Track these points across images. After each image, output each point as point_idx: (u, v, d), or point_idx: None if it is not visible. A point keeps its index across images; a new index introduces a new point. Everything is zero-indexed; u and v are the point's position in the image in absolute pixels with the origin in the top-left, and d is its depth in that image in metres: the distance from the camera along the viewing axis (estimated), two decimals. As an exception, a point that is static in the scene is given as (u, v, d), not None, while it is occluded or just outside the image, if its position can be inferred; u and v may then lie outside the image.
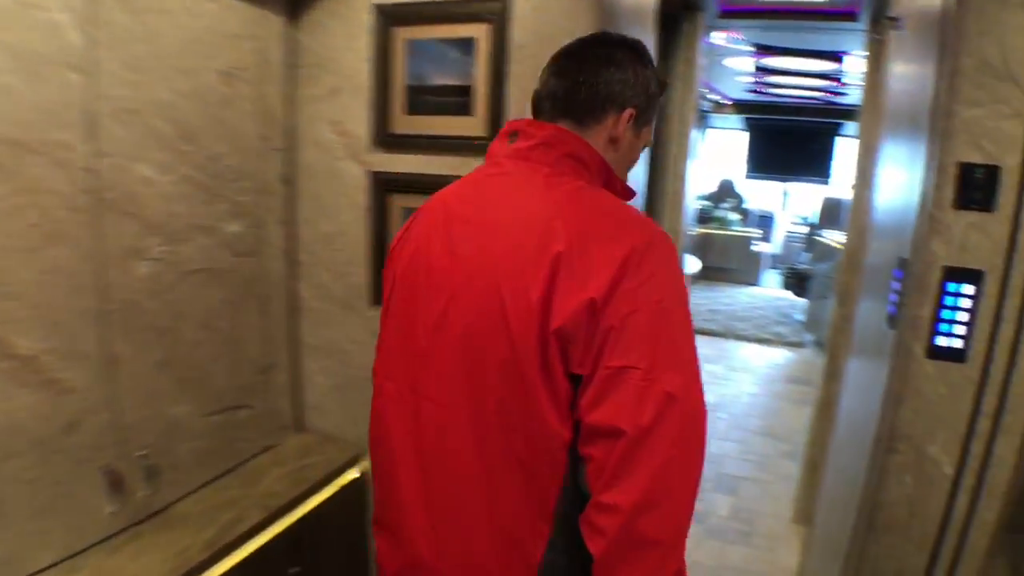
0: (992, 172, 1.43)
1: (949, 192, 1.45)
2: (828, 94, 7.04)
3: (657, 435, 0.87)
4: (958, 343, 1.49)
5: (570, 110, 1.07)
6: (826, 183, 9.00)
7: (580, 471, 0.93)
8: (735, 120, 9.19)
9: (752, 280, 8.84)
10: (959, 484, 1.54)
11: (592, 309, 0.89)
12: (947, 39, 1.43)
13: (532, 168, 1.03)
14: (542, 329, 0.91)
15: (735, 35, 4.25)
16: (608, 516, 0.87)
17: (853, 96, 6.57)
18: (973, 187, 1.44)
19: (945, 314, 1.48)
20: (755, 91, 7.44)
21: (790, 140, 8.87)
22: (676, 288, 0.96)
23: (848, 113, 7.86)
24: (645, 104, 1.10)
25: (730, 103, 8.38)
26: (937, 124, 1.47)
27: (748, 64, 5.52)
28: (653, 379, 0.88)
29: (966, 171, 1.44)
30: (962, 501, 1.54)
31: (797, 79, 6.12)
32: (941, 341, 1.49)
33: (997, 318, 1.47)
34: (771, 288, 8.73)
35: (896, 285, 1.65)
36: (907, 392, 1.52)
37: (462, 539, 1.00)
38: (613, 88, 1.06)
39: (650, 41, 2.08)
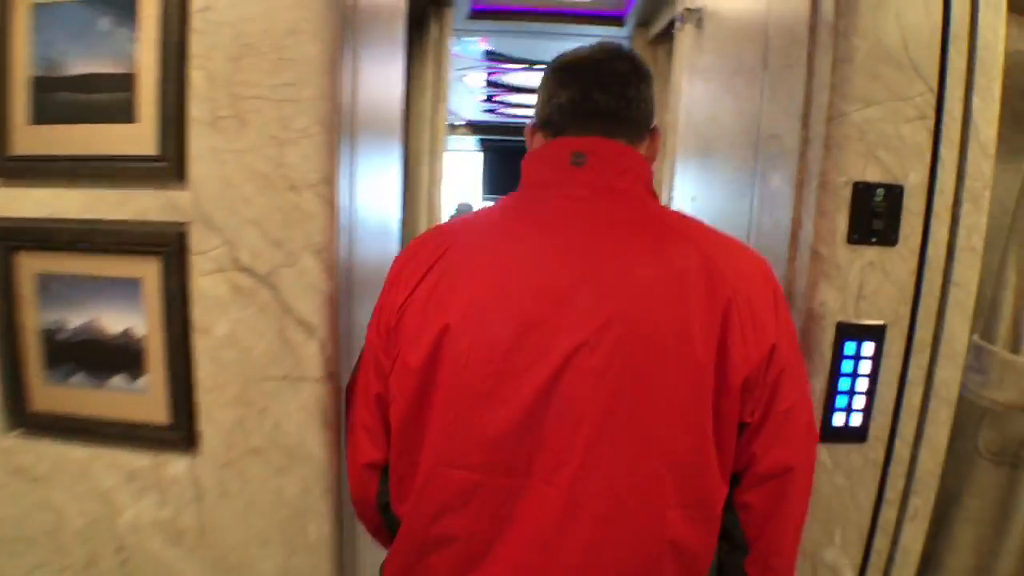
0: (895, 193, 1.06)
1: (841, 222, 1.05)
2: None
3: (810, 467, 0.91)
4: (857, 419, 1.12)
5: (623, 129, 0.94)
6: (544, 203, 8.98)
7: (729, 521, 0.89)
8: (470, 141, 8.99)
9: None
10: (863, 594, 1.20)
11: (772, 354, 0.85)
12: (836, 16, 1.02)
13: (629, 198, 0.92)
14: (719, 383, 0.82)
15: (482, 43, 3.82)
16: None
17: None
18: (871, 214, 1.05)
19: (842, 384, 1.10)
20: (491, 111, 7.27)
21: (514, 162, 8.69)
22: None
23: None
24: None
25: (465, 124, 8.19)
26: (814, 131, 1.07)
27: (484, 81, 5.20)
28: (804, 410, 0.89)
29: (862, 193, 1.05)
30: (867, 611, 1.21)
31: (533, 97, 5.90)
32: (838, 420, 1.11)
33: (902, 382, 1.13)
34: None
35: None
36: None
37: None
38: (652, 106, 0.98)
39: (400, 44, 1.52)
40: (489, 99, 6.29)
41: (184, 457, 1.12)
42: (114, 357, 1.12)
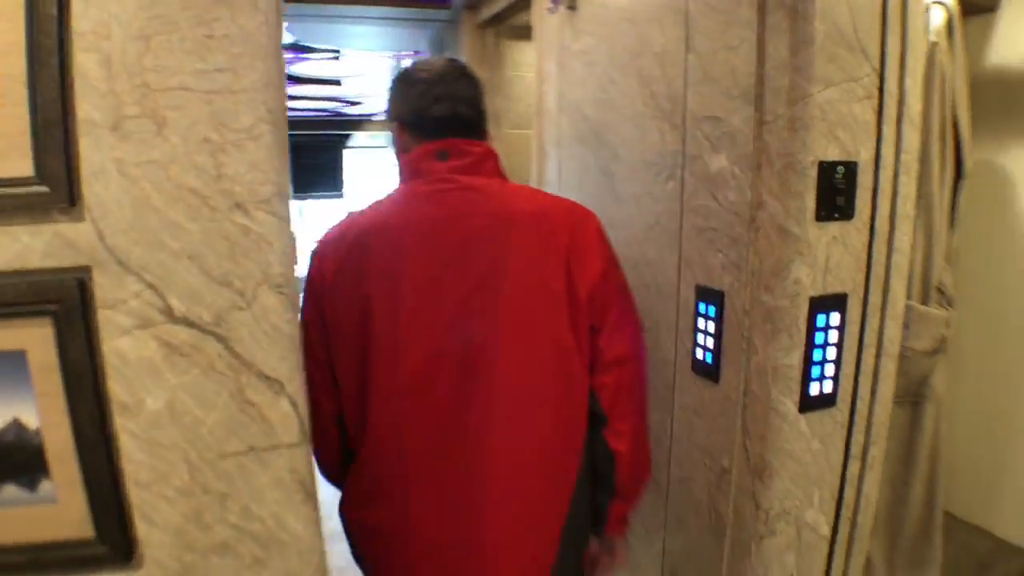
0: (851, 170, 1.11)
1: (810, 201, 1.09)
2: (342, 103, 6.72)
3: (641, 355, 1.23)
4: (828, 386, 1.18)
5: (476, 131, 1.26)
6: (340, 197, 8.76)
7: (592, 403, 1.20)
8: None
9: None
10: (835, 541, 1.27)
11: (603, 276, 1.18)
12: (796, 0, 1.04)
13: (487, 179, 1.23)
14: (571, 303, 1.16)
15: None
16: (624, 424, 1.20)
17: (366, 106, 6.41)
18: (834, 191, 1.10)
19: (816, 355, 1.15)
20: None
21: (302, 156, 8.36)
22: None
23: (356, 124, 7.69)
24: None
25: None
26: (773, 112, 1.10)
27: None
28: (632, 312, 1.23)
29: (826, 171, 1.09)
30: (839, 557, 1.29)
31: (313, 89, 5.62)
32: (814, 389, 1.17)
33: (860, 345, 1.20)
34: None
35: (704, 323, 1.29)
36: (778, 460, 1.18)
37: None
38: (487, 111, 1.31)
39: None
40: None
41: (122, 575, 0.85)
42: (-1, 462, 0.81)
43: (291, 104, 6.54)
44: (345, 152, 8.41)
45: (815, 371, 1.15)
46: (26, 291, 0.77)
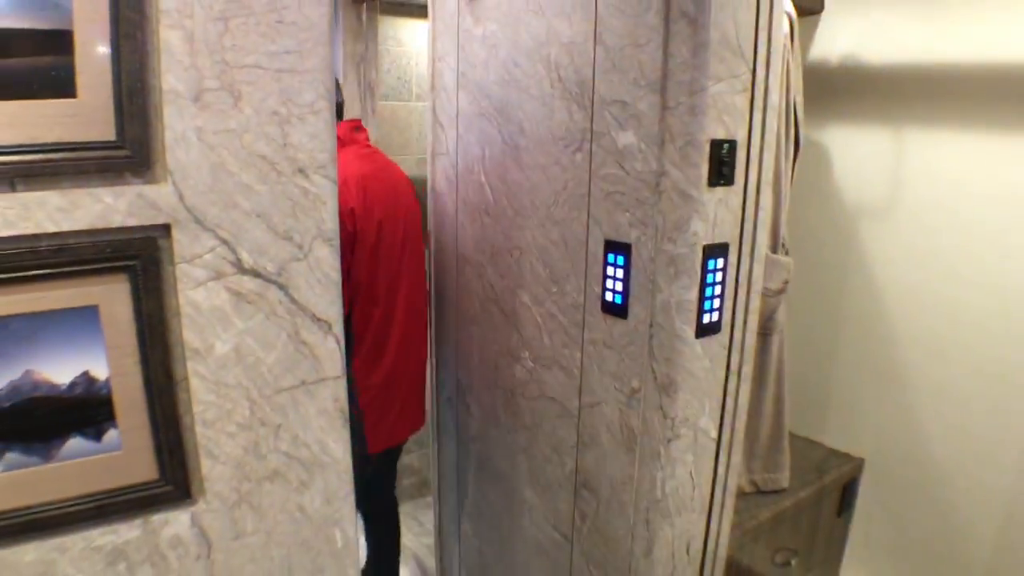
0: (733, 147, 1.41)
1: (704, 170, 1.39)
2: None
3: None
4: (716, 316, 1.49)
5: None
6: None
7: None
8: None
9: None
10: (720, 442, 1.60)
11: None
12: (696, 12, 1.32)
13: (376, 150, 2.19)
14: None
15: None
16: None
17: None
18: (721, 163, 1.40)
19: (708, 291, 1.46)
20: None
21: None
22: None
23: None
24: None
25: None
26: (675, 100, 1.38)
27: None
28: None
29: (716, 148, 1.39)
30: (723, 456, 1.62)
31: None
32: (706, 319, 1.47)
33: (736, 283, 1.52)
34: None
35: (613, 271, 1.56)
36: (681, 377, 1.48)
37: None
38: None
39: None
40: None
41: (184, 511, 0.97)
42: (65, 416, 0.88)
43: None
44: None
45: (707, 304, 1.46)
46: (104, 248, 0.85)
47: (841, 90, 2.24)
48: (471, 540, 2.31)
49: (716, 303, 1.48)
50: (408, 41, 3.07)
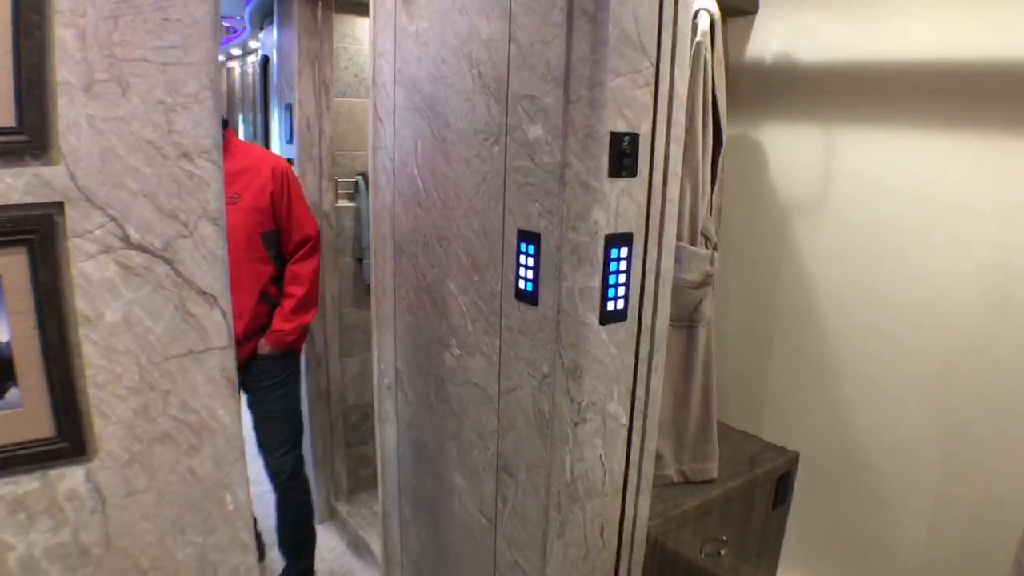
0: (635, 139, 1.46)
1: (604, 162, 1.43)
2: None
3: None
4: (621, 304, 1.54)
5: None
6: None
7: None
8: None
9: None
10: (632, 428, 1.65)
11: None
12: (595, 9, 1.36)
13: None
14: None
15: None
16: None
17: None
18: (622, 155, 1.45)
19: (611, 279, 1.50)
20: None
21: None
22: None
23: None
24: None
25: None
26: (577, 94, 1.42)
27: None
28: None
29: (616, 140, 1.43)
30: (636, 442, 1.66)
31: None
32: (611, 306, 1.52)
33: (643, 272, 1.57)
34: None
35: (525, 259, 1.61)
36: (586, 362, 1.53)
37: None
38: None
39: None
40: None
41: (79, 466, 1.04)
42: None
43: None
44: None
45: (611, 292, 1.51)
46: (5, 223, 0.94)
47: (775, 89, 2.29)
48: (411, 526, 2.35)
49: (621, 291, 1.53)
50: (365, 39, 3.11)
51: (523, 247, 1.59)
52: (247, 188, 2.44)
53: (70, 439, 1.02)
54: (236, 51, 5.11)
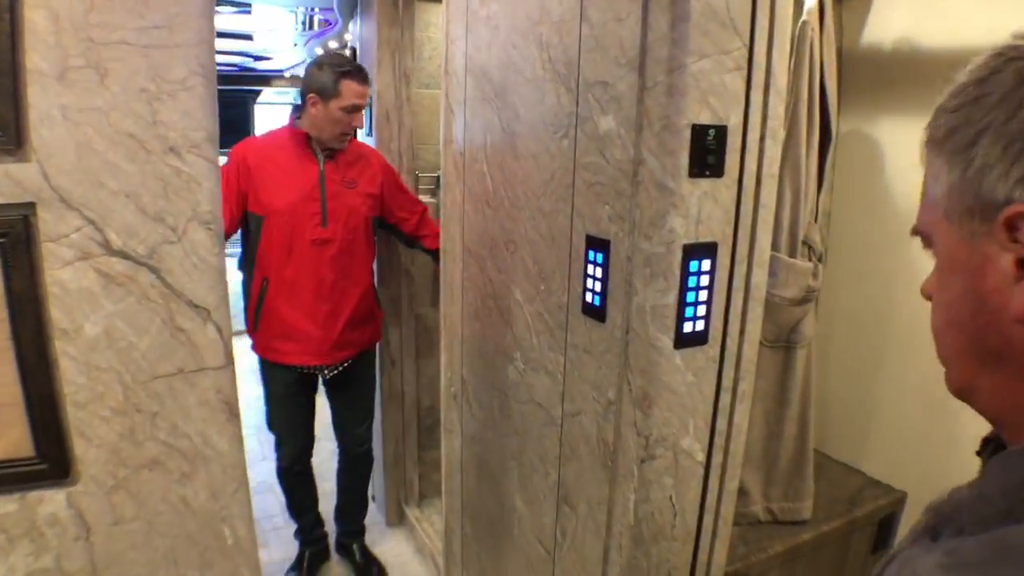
0: (721, 133, 1.25)
1: (684, 159, 1.23)
2: (252, 58, 6.56)
3: None
4: (700, 325, 1.33)
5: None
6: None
7: None
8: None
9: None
10: (710, 466, 1.44)
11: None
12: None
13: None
14: None
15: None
16: None
17: (275, 62, 6.38)
18: (706, 151, 1.24)
19: (689, 297, 1.30)
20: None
21: None
22: None
23: (266, 79, 7.67)
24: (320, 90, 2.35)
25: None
26: (654, 79, 1.23)
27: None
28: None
29: (699, 133, 1.23)
30: (713, 482, 1.45)
31: (223, 43, 5.47)
32: (687, 327, 1.31)
33: (729, 289, 1.35)
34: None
35: (593, 269, 1.42)
36: (657, 391, 1.33)
37: None
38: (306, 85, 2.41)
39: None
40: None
41: (59, 490, 0.94)
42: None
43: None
44: (256, 108, 8.26)
45: (688, 311, 1.30)
46: None
47: (895, 79, 2.01)
48: (471, 544, 2.20)
49: (700, 310, 1.32)
50: (449, 26, 2.98)
51: (591, 255, 1.40)
52: (361, 175, 2.55)
53: (49, 460, 0.92)
54: (333, 44, 5.08)
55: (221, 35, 5.06)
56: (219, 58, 6.32)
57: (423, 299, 3.08)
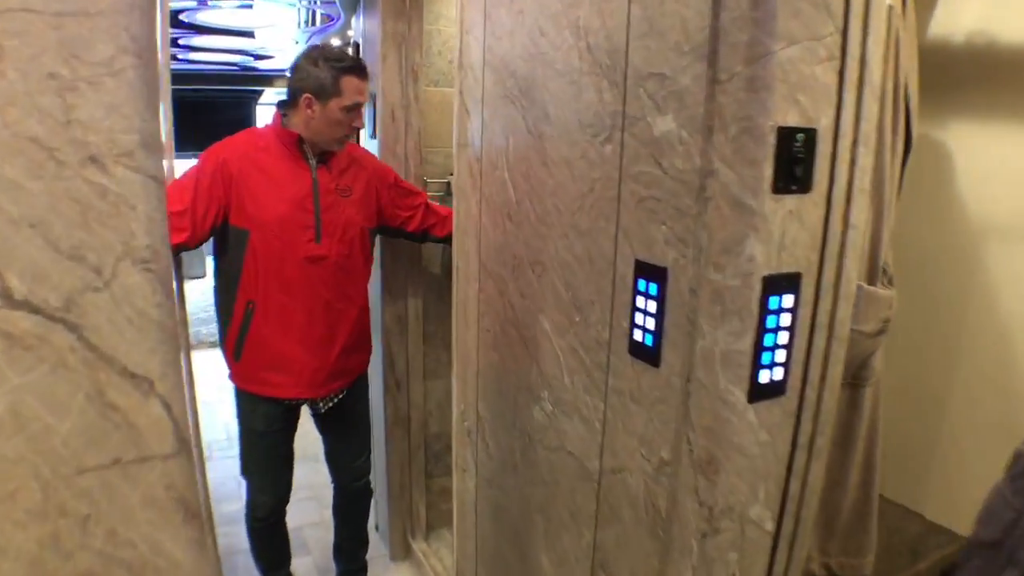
0: (811, 138, 1.01)
1: (767, 169, 0.99)
2: (253, 57, 6.32)
3: None
4: (779, 373, 1.09)
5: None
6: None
7: None
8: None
9: (200, 273, 7.54)
10: (779, 535, 1.19)
11: None
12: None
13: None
14: None
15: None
16: None
17: (278, 60, 6.14)
18: (793, 160, 1.00)
19: (768, 340, 1.06)
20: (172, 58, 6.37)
21: (211, 112, 7.83)
22: None
23: (268, 80, 7.46)
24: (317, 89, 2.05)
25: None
26: (729, 70, 0.99)
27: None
28: None
29: (785, 138, 0.98)
30: (782, 552, 1.21)
31: (223, 40, 5.22)
32: (764, 377, 1.07)
33: (812, 328, 1.11)
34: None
35: (644, 303, 1.18)
36: (725, 453, 1.09)
37: None
38: (297, 83, 2.11)
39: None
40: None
41: None
42: None
43: (197, 57, 6.10)
44: (257, 110, 8.03)
45: (766, 357, 1.06)
46: None
47: (966, 78, 1.76)
48: (487, 598, 1.96)
49: (780, 356, 1.08)
50: (461, 18, 2.73)
51: (642, 285, 1.16)
52: (356, 181, 2.27)
53: (-55, 581, 0.67)
54: (336, 41, 4.84)
55: (221, 32, 4.82)
56: (219, 57, 6.10)
57: (431, 315, 2.83)
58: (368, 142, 2.78)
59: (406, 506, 2.97)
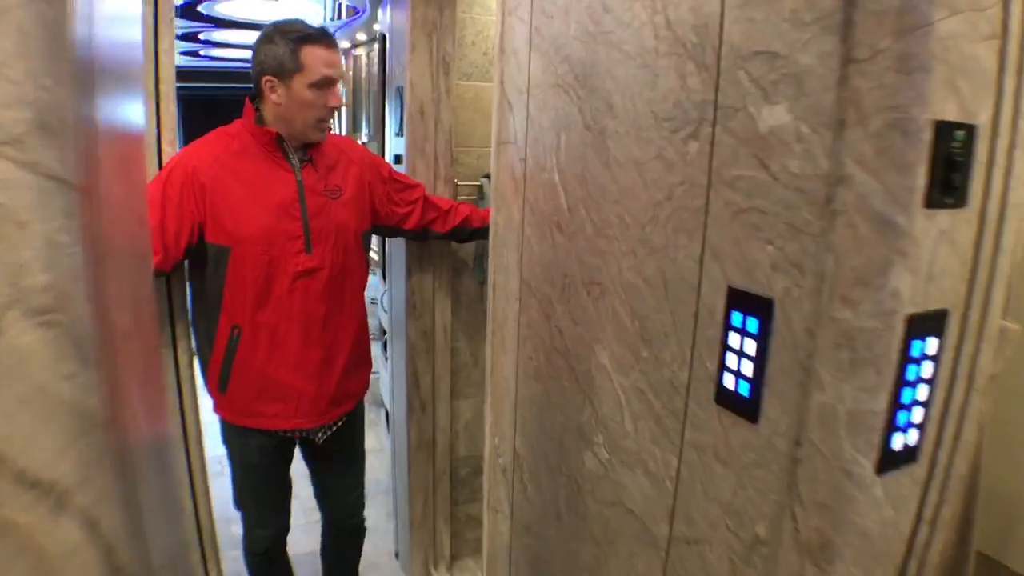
0: (970, 137, 0.78)
1: (920, 177, 0.76)
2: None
3: None
4: (914, 437, 0.86)
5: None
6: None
7: None
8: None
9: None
10: (897, 633, 0.96)
11: None
12: None
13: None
14: None
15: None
16: None
17: None
18: (951, 166, 0.77)
19: (906, 395, 0.82)
20: (190, 54, 6.24)
21: (228, 108, 7.69)
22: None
23: None
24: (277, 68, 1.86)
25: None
26: (876, 46, 0.76)
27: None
28: None
29: (943, 136, 0.76)
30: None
31: (244, 35, 5.05)
32: (897, 442, 0.84)
33: (953, 378, 0.88)
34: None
35: (740, 341, 0.95)
36: (843, 536, 0.86)
37: None
38: (257, 65, 1.90)
39: None
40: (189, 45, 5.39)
41: None
42: None
43: (216, 53, 5.94)
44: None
45: (901, 417, 0.83)
46: None
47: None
48: (521, 658, 1.74)
49: (917, 415, 0.84)
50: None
51: (737, 320, 0.94)
52: (346, 180, 2.06)
53: None
54: (362, 36, 4.63)
55: (239, 25, 4.64)
56: (238, 53, 5.95)
57: (459, 331, 2.61)
58: (395, 141, 2.57)
59: (428, 534, 2.75)
